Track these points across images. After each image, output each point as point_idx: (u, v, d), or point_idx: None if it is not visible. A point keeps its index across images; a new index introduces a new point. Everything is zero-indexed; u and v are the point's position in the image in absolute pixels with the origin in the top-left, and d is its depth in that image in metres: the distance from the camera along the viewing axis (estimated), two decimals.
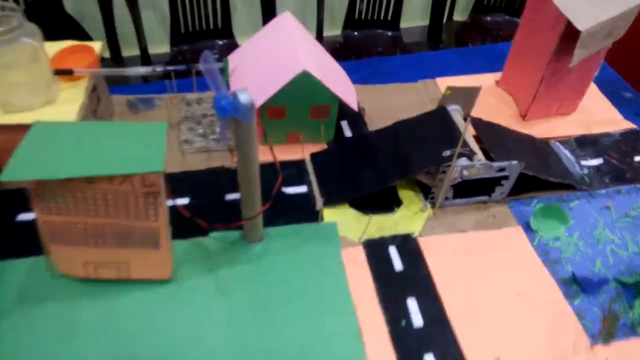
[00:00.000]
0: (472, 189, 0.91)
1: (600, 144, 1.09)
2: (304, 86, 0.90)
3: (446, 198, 0.92)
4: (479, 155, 0.89)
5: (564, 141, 1.09)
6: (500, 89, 1.20)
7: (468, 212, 0.94)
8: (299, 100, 0.92)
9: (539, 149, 1.03)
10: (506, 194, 0.95)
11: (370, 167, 0.93)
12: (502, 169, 0.89)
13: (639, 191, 1.00)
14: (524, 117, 1.12)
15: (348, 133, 1.05)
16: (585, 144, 1.09)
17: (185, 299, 0.73)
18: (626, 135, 1.12)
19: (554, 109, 1.13)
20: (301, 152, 0.99)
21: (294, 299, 0.75)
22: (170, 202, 0.66)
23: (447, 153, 0.86)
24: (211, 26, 2.02)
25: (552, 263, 0.87)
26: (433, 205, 0.93)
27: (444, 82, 1.19)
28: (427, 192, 0.93)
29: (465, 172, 0.87)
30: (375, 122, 1.06)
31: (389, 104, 1.13)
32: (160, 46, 2.21)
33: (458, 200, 0.93)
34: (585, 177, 1.02)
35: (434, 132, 0.93)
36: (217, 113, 0.61)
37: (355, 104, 0.97)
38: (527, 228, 0.92)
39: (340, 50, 2.09)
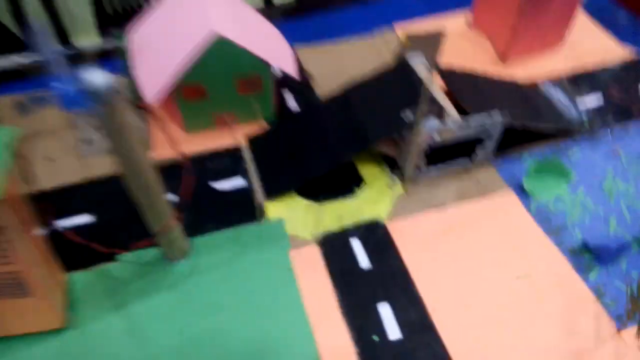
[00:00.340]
0: (449, 153, 0.73)
1: (597, 80, 0.91)
2: (222, 54, 0.71)
3: (418, 169, 0.74)
4: (452, 112, 0.70)
5: (555, 82, 0.90)
6: (474, 31, 1.01)
7: (447, 182, 0.76)
8: (220, 73, 0.74)
9: (526, 95, 0.85)
10: (491, 154, 0.77)
11: (320, 144, 0.75)
12: (482, 126, 0.71)
13: None
14: (503, 59, 0.94)
15: (293, 106, 0.86)
16: (580, 81, 0.91)
17: (86, 350, 0.56)
18: (627, 64, 0.93)
19: (538, 44, 0.94)
20: (234, 136, 0.80)
21: (231, 332, 0.58)
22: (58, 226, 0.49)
23: (408, 116, 0.68)
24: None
25: (555, 231, 0.70)
26: (403, 179, 0.75)
27: (405, 30, 1.00)
28: (393, 165, 0.75)
29: (437, 136, 0.69)
30: (327, 89, 0.88)
31: (342, 64, 0.94)
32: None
33: (433, 170, 0.75)
34: (585, 121, 0.83)
35: (392, 91, 0.75)
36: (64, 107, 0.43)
37: (294, 70, 0.78)
38: (521, 191, 0.74)
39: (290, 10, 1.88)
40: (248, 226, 0.69)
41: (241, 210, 0.71)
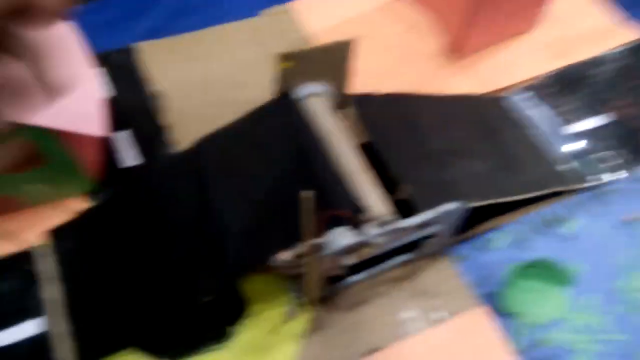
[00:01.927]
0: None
1: (593, 81, 0.62)
2: None
3: (332, 284, 0.44)
4: (377, 208, 0.40)
5: (530, 87, 0.61)
6: (408, 4, 0.68)
7: (381, 296, 0.47)
8: None
9: (490, 123, 0.55)
10: (448, 241, 0.48)
11: (164, 259, 0.44)
12: (427, 224, 0.42)
13: None
14: (457, 48, 0.63)
15: (129, 160, 0.53)
16: (569, 83, 0.61)
17: None
18: (637, 49, 0.64)
19: (503, 28, 0.63)
20: (24, 231, 0.47)
21: None
22: None
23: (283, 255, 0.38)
24: None
25: None
26: (311, 302, 0.45)
27: (301, 10, 0.66)
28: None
29: (348, 260, 0.40)
30: (187, 119, 0.55)
31: (207, 73, 0.61)
32: None
33: (358, 276, 0.46)
34: (574, 161, 0.55)
35: (271, 161, 0.43)
36: None
37: (100, 126, 0.44)
38: (497, 307, 0.47)
39: None
40: None
41: None
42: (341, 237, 0.38)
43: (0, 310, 0.44)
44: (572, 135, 0.57)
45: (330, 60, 0.45)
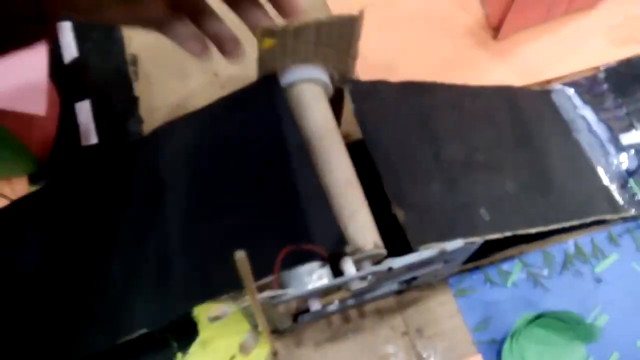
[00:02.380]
0: None
1: None
2: None
3: (299, 314, 0.37)
4: (361, 239, 0.32)
5: (583, 82, 0.49)
6: None
7: (360, 334, 0.39)
8: None
9: (527, 125, 0.45)
10: (448, 273, 0.39)
11: (94, 274, 0.36)
12: (426, 262, 0.33)
13: None
14: (495, 31, 0.52)
15: (85, 138, 0.46)
16: (633, 79, 0.50)
17: None
18: None
19: (562, 4, 0.51)
20: None
21: None
22: None
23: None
24: None
25: None
26: (274, 332, 0.38)
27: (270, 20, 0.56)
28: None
29: (316, 304, 0.31)
30: (158, 90, 0.47)
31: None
32: None
33: (332, 307, 0.38)
34: (636, 179, 0.45)
35: (243, 162, 0.35)
36: None
37: (39, 104, 0.37)
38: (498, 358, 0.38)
39: None
40: None
41: None
42: (307, 279, 0.30)
43: None
44: (630, 146, 0.46)
45: (332, 39, 0.35)
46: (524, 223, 0.37)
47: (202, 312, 0.39)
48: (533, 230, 0.37)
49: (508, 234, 0.36)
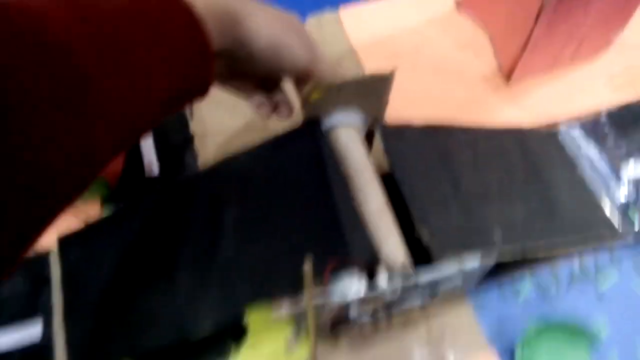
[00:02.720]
0: None
1: None
2: None
3: (335, 324, 0.42)
4: (393, 257, 0.38)
5: (587, 123, 0.55)
6: (463, 16, 0.64)
7: (388, 336, 0.45)
8: None
9: (537, 161, 0.51)
10: (467, 289, 0.45)
11: (169, 284, 0.43)
12: (451, 277, 0.39)
13: None
14: (507, 77, 0.58)
15: (148, 170, 0.53)
16: (633, 121, 0.56)
17: None
18: None
19: (568, 55, 0.58)
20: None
21: None
22: None
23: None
24: None
25: None
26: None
27: (351, 15, 0.63)
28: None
29: (355, 311, 0.37)
30: (211, 128, 0.54)
31: None
32: None
33: (366, 318, 0.44)
34: (633, 209, 0.50)
35: (291, 192, 0.41)
36: None
37: None
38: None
39: None
40: None
41: None
42: (348, 289, 0.36)
43: (9, 311, 0.45)
44: (629, 181, 0.51)
45: (367, 92, 0.42)
46: (532, 245, 0.43)
47: (252, 318, 0.44)
48: (540, 252, 0.43)
49: (517, 250, 0.41)
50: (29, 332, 0.44)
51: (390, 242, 0.38)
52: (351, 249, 0.36)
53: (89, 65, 0.25)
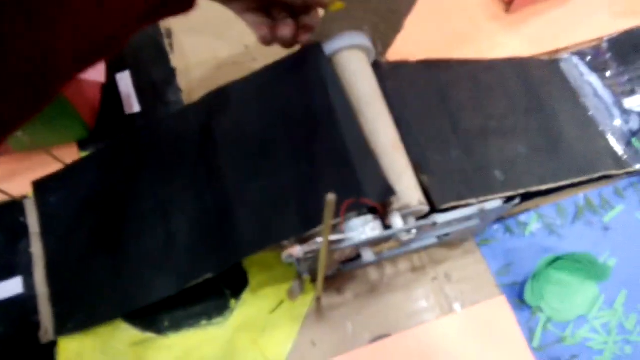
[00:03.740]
0: None
1: None
2: None
3: (341, 264, 0.40)
4: (407, 196, 0.35)
5: (589, 50, 0.53)
6: None
7: (394, 280, 0.43)
8: None
9: (538, 92, 0.49)
10: (482, 230, 0.43)
11: (157, 226, 0.39)
12: (462, 220, 0.37)
13: None
14: (507, 5, 0.55)
15: (128, 106, 0.48)
16: (637, 47, 0.54)
17: None
18: None
19: None
20: (8, 179, 0.44)
21: None
22: None
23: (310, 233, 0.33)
24: None
25: None
26: (313, 281, 0.42)
27: None
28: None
29: (370, 255, 0.35)
30: (193, 61, 0.50)
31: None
32: None
33: (373, 258, 0.42)
34: (638, 138, 0.49)
35: (291, 124, 0.38)
36: None
37: (98, 71, 0.40)
38: (520, 301, 0.42)
39: None
40: None
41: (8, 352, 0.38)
42: (363, 229, 0.33)
43: None
44: (632, 109, 0.50)
45: (384, 11, 0.38)
46: (535, 181, 0.41)
47: (252, 263, 0.42)
48: (544, 187, 0.41)
49: (521, 191, 0.39)
50: (9, 284, 0.41)
51: (405, 181, 0.35)
52: (362, 182, 0.34)
53: None
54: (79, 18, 0.24)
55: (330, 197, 0.26)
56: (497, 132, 0.43)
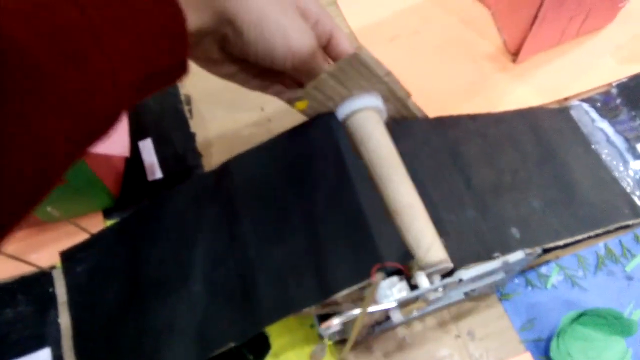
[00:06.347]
0: None
1: None
2: None
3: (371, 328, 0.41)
4: (431, 254, 0.36)
5: (598, 97, 0.54)
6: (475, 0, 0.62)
7: (420, 341, 0.43)
8: None
9: (550, 141, 0.49)
10: (506, 283, 0.43)
11: (180, 292, 0.40)
12: (489, 274, 0.37)
13: None
14: (513, 56, 0.56)
15: (150, 173, 0.50)
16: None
17: None
18: None
19: (575, 27, 0.56)
20: (37, 250, 0.45)
21: None
22: None
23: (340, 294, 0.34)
24: None
25: None
26: (338, 344, 0.42)
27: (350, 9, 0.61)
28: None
29: (397, 316, 0.35)
30: (212, 125, 0.51)
31: None
32: None
33: (400, 319, 0.42)
34: None
35: (309, 189, 0.39)
36: None
37: (122, 146, 0.41)
38: (546, 357, 0.42)
39: None
40: None
41: None
42: (391, 291, 0.34)
43: (16, 336, 0.42)
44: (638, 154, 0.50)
45: (361, 76, 0.39)
46: (552, 237, 0.41)
47: (273, 326, 0.42)
48: (561, 243, 0.41)
49: (538, 250, 0.39)
50: (39, 356, 0.42)
51: (427, 239, 0.36)
52: (380, 247, 0.34)
53: (40, 57, 0.23)
54: (72, 100, 0.24)
55: (379, 275, 0.27)
56: (510, 187, 0.43)
